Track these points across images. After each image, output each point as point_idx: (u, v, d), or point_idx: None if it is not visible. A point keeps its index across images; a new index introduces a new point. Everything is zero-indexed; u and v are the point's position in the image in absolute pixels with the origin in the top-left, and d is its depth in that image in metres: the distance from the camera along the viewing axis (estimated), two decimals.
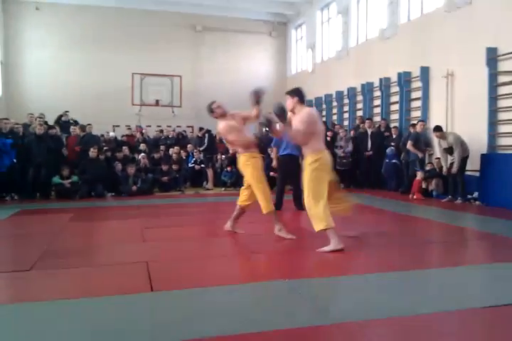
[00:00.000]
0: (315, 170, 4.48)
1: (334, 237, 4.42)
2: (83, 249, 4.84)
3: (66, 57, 15.93)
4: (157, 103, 16.47)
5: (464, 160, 8.20)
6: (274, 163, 7.70)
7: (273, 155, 7.74)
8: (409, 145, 9.32)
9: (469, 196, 8.38)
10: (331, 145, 10.99)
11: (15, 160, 8.90)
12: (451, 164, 8.26)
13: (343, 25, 13.92)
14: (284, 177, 7.32)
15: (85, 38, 16.12)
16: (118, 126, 15.49)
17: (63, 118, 11.99)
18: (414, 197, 8.91)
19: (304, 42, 17.04)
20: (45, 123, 10.21)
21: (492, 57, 8.37)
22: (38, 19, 15.88)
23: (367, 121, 11.22)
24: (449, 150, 8.23)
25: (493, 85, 8.44)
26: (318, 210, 4.39)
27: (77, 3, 15.85)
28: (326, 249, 4.39)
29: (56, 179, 9.16)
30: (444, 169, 8.38)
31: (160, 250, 4.70)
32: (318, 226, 4.42)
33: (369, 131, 10.97)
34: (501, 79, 8.37)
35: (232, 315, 2.86)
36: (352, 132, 11.46)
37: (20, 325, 2.75)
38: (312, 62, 16.13)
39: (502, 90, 8.35)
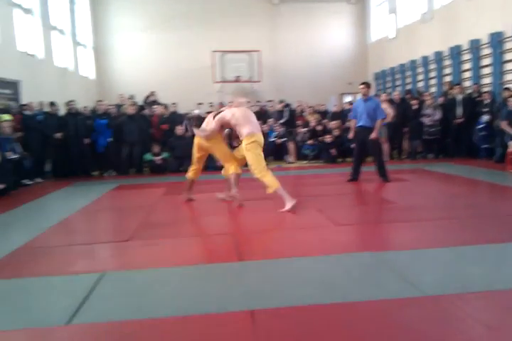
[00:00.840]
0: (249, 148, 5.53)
1: (285, 194, 5.29)
2: (176, 220, 5.13)
3: (150, 38, 16.55)
4: (237, 79, 16.63)
5: None
6: (351, 134, 7.73)
7: (351, 126, 7.78)
8: (503, 125, 8.60)
9: None
10: (416, 113, 10.52)
11: (110, 140, 9.52)
12: None
13: None
14: (360, 148, 7.43)
15: (167, 19, 16.59)
16: (201, 103, 15.90)
17: (150, 99, 12.52)
18: (510, 170, 8.26)
19: (385, 7, 16.20)
20: (136, 103, 10.76)
21: None
22: (123, 3, 16.57)
23: (456, 86, 10.53)
24: None
25: None
26: (268, 177, 5.38)
27: None
28: (287, 208, 5.16)
29: (148, 156, 9.69)
30: None
31: (245, 222, 4.87)
32: (272, 189, 5.30)
33: (459, 97, 10.30)
34: None
35: (321, 284, 2.91)
36: (441, 99, 10.82)
37: (123, 290, 3.00)
38: (394, 27, 15.33)
39: None
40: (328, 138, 10.65)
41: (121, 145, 9.60)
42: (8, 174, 7.30)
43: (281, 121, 11.55)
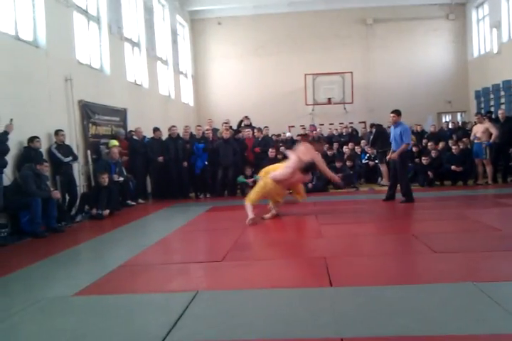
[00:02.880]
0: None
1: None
2: (266, 242, 5.21)
3: (245, 65, 17.23)
4: (329, 101, 16.64)
5: None
6: (389, 157, 8.23)
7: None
8: None
9: None
10: None
11: (206, 163, 9.96)
12: None
13: None
14: (393, 169, 8.04)
15: (262, 45, 17.22)
16: (293, 126, 16.11)
17: (244, 123, 12.95)
18: None
19: (487, 22, 15.39)
20: (230, 127, 11.19)
21: None
22: (220, 32, 17.50)
23: None
24: None
25: None
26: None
27: (253, 14, 17.01)
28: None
29: (241, 178, 9.97)
30: None
31: (337, 246, 4.79)
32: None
33: None
34: None
35: (416, 315, 2.77)
36: None
37: (215, 310, 3.08)
38: (498, 42, 14.47)
39: None
40: (424, 160, 10.22)
41: (216, 168, 9.99)
42: (114, 197, 7.90)
43: (369, 144, 11.28)
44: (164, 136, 10.28)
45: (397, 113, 7.87)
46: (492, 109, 14.06)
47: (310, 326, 2.70)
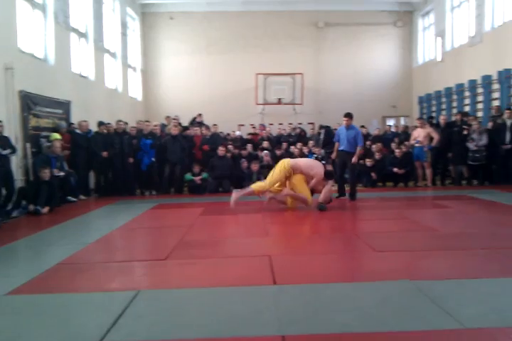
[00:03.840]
0: None
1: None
2: (212, 241, 5.15)
3: (196, 61, 17.06)
4: (279, 101, 16.79)
5: None
6: (334, 155, 8.77)
7: (335, 148, 8.69)
8: None
9: None
10: (462, 138, 10.25)
11: (153, 159, 9.76)
12: None
13: (476, 8, 12.82)
14: (341, 168, 8.44)
15: (214, 43, 17.11)
16: (243, 125, 16.13)
17: (197, 120, 12.82)
18: None
19: (432, 31, 16.06)
20: (179, 124, 11.03)
21: None
22: (171, 28, 17.23)
23: (506, 111, 10.20)
24: None
25: None
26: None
27: (206, 10, 16.90)
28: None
29: (188, 176, 9.85)
30: None
31: (282, 244, 4.83)
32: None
33: (508, 122, 9.96)
34: None
35: (357, 312, 2.83)
36: (490, 124, 10.50)
37: (157, 309, 3.02)
38: (441, 50, 15.13)
39: None
40: (368, 162, 10.50)
41: (163, 165, 9.82)
42: (54, 193, 7.58)
43: (318, 144, 11.48)
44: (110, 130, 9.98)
45: (349, 116, 8.30)
46: (433, 114, 14.69)
47: (252, 324, 2.70)
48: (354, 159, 8.13)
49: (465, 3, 13.74)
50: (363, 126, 13.06)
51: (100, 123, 9.80)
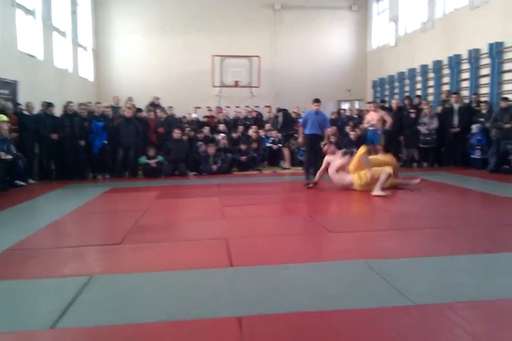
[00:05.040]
0: None
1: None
2: (168, 224, 5.10)
3: (151, 42, 16.61)
4: (236, 84, 16.65)
5: None
6: (300, 140, 9.16)
7: (300, 132, 9.07)
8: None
9: None
10: (414, 122, 10.55)
11: (106, 142, 9.49)
12: None
13: None
14: (310, 150, 8.75)
15: (169, 23, 16.67)
16: (199, 107, 15.93)
17: (155, 103, 12.52)
18: None
19: (386, 15, 16.28)
20: (133, 106, 10.74)
21: None
22: (125, 6, 16.63)
23: (453, 95, 10.56)
24: None
25: None
26: None
27: None
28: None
29: (143, 159, 9.66)
30: None
31: (239, 227, 4.83)
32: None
33: (456, 106, 10.33)
34: None
35: (311, 291, 2.89)
36: (439, 108, 10.85)
37: (110, 294, 2.97)
38: (395, 35, 15.39)
39: None
40: (323, 145, 10.62)
41: (117, 148, 9.58)
42: (1, 177, 7.25)
43: (277, 127, 11.48)
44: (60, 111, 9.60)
45: (320, 102, 8.85)
46: (387, 98, 15.00)
47: (209, 306, 2.70)
48: (325, 141, 8.58)
49: None
50: None
51: (48, 104, 9.38)
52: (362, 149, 7.21)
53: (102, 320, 2.55)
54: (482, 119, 9.60)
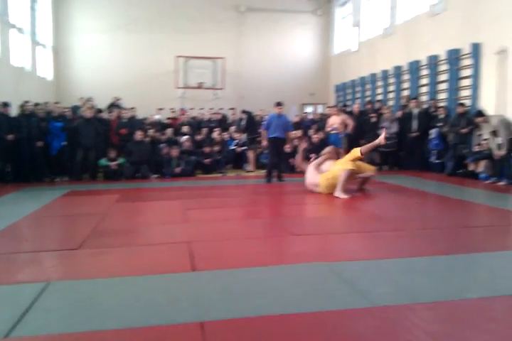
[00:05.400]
0: None
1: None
2: (128, 228, 4.99)
3: (113, 41, 16.29)
4: (200, 85, 16.56)
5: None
6: (264, 143, 9.07)
7: (263, 135, 9.05)
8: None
9: None
10: (374, 126, 10.77)
11: (65, 143, 9.23)
12: (500, 145, 7.95)
13: (390, 1, 13.43)
14: (274, 154, 8.91)
15: (132, 22, 16.41)
16: (162, 108, 15.73)
17: (115, 103, 12.27)
18: None
19: (349, 20, 16.58)
20: (93, 106, 10.50)
21: None
22: (86, 4, 16.24)
23: (413, 100, 10.86)
24: (494, 133, 7.93)
25: None
26: None
27: None
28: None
29: (103, 161, 9.45)
30: (496, 152, 8.04)
31: (202, 231, 4.78)
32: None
33: (415, 111, 10.62)
34: None
35: (274, 294, 2.88)
36: (399, 112, 11.12)
37: (68, 301, 2.87)
38: (357, 40, 15.70)
39: None
40: (287, 148, 10.70)
41: (76, 150, 9.33)
42: None
43: (241, 130, 11.44)
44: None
45: (282, 105, 8.97)
46: (349, 102, 15.26)
47: (170, 312, 2.65)
48: (289, 144, 9.27)
49: None
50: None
51: (4, 104, 9.03)
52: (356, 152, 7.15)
53: (59, 328, 2.46)
54: (440, 124, 9.91)
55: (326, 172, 7.09)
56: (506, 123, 7.86)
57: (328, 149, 7.88)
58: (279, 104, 8.90)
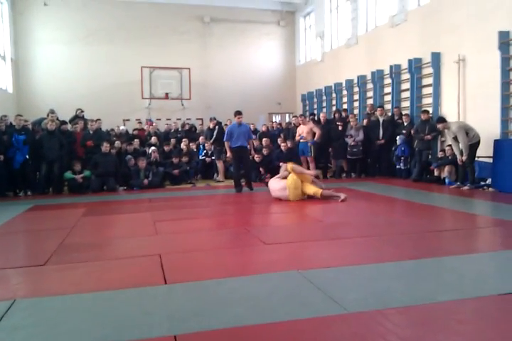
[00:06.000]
0: None
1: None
2: (97, 243, 4.87)
3: (75, 52, 16.04)
4: (166, 96, 16.48)
5: (473, 146, 8.12)
6: (229, 154, 9.05)
7: (226, 146, 9.03)
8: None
9: (482, 183, 8.31)
10: (341, 134, 10.95)
11: (27, 157, 8.99)
12: (461, 151, 8.20)
13: (352, 12, 13.76)
14: (239, 163, 8.95)
15: (94, 33, 16.20)
16: (128, 120, 15.56)
17: (79, 115, 12.03)
18: None
19: (313, 31, 16.89)
20: (57, 118, 10.27)
21: (504, 41, 8.22)
22: (46, 15, 15.97)
23: (378, 109, 11.11)
24: (455, 139, 8.19)
25: (506, 70, 8.31)
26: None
27: None
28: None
29: (68, 174, 9.24)
30: (458, 157, 8.29)
31: (172, 242, 4.72)
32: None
33: (381, 119, 10.86)
34: None
35: (248, 304, 2.86)
36: (365, 121, 11.35)
37: (35, 319, 2.77)
38: (321, 50, 15.98)
39: None
40: (257, 158, 10.75)
41: (40, 163, 9.10)
42: None
43: (211, 141, 11.40)
44: None
45: (241, 114, 8.95)
46: (315, 111, 15.48)
47: (142, 326, 2.59)
48: (253, 152, 9.45)
49: (342, 6, 14.64)
50: (252, 124, 13.38)
51: None
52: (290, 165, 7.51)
53: None
54: (404, 131, 10.17)
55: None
56: (467, 129, 8.12)
57: (283, 168, 8.06)
58: (238, 113, 8.92)
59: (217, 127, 11.35)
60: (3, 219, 6.28)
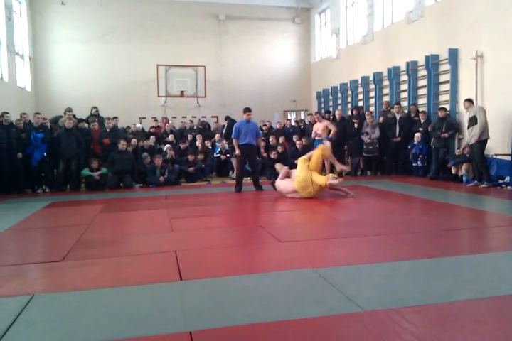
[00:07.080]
0: None
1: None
2: (113, 239, 4.93)
3: (92, 50, 16.18)
4: (182, 94, 16.54)
5: (482, 143, 8.03)
6: (237, 152, 8.65)
7: (234, 144, 8.73)
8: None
9: (500, 181, 8.18)
10: (357, 131, 10.87)
11: (45, 154, 9.11)
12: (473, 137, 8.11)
13: (368, 8, 13.64)
14: (244, 161, 8.91)
15: (110, 31, 16.33)
16: (144, 117, 15.66)
17: (94, 113, 12.15)
18: None
19: (328, 28, 16.78)
20: (74, 116, 10.40)
21: None
22: (63, 14, 16.13)
23: (395, 106, 11.00)
24: (472, 120, 8.04)
25: None
26: None
27: None
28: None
29: (85, 171, 9.35)
30: (468, 141, 8.21)
31: (188, 239, 4.75)
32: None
33: (397, 117, 10.75)
34: None
35: (262, 302, 2.86)
36: (381, 118, 11.25)
37: (53, 314, 2.81)
38: (336, 47, 15.88)
39: None
40: (272, 155, 10.74)
41: (57, 160, 9.22)
42: None
43: (222, 137, 11.41)
44: None
45: (251, 111, 8.65)
46: (331, 108, 15.40)
47: (158, 322, 2.61)
48: (262, 150, 9.25)
49: (358, 3, 14.52)
50: (268, 121, 13.41)
51: None
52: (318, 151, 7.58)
53: None
54: (421, 129, 10.05)
55: (296, 177, 7.41)
56: (485, 113, 8.05)
57: (278, 167, 8.24)
58: (247, 110, 8.60)
59: (225, 124, 11.32)
60: (22, 215, 6.38)
